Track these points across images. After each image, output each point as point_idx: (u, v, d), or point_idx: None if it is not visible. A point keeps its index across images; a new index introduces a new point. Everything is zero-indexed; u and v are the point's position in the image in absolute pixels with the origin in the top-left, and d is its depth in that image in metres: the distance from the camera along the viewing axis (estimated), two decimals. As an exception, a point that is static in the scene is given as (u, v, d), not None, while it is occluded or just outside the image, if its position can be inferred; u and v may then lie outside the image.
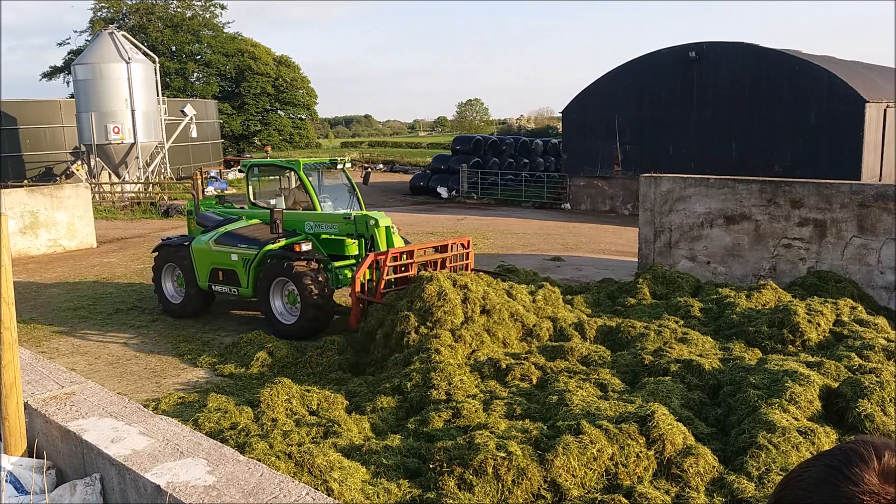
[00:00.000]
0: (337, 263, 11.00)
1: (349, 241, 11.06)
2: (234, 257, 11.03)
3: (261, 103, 61.15)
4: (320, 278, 10.21)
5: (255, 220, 11.59)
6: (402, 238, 11.33)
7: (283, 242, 10.79)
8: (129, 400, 3.61)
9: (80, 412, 3.39)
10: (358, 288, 9.69)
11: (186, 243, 11.71)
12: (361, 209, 11.82)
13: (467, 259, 10.90)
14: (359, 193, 12.24)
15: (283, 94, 62.69)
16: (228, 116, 57.08)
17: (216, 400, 7.06)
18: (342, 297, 11.65)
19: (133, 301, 12.80)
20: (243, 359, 9.27)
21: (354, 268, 10.41)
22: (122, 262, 16.76)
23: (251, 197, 12.27)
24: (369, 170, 15.75)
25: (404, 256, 10.20)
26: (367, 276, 10.02)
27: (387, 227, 10.49)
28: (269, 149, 54.27)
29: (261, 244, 10.85)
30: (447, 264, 10.56)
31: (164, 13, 56.35)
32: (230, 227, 11.46)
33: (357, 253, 11.07)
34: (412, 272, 10.01)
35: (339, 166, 11.99)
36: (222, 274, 11.22)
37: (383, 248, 10.19)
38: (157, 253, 12.07)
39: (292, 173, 11.98)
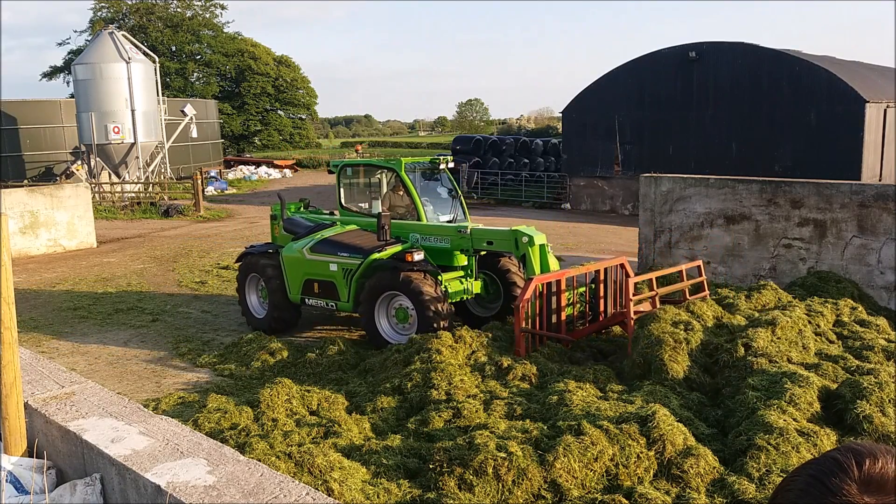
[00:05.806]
0: (445, 276, 9.70)
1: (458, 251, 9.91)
2: (334, 267, 9.80)
3: (261, 103, 61.19)
4: (439, 292, 8.99)
5: (352, 227, 10.47)
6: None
7: (392, 250, 9.51)
8: (129, 400, 3.60)
9: (80, 412, 3.39)
10: (523, 320, 8.15)
11: (272, 251, 10.68)
12: (465, 215, 10.84)
13: (704, 290, 9.59)
14: (462, 198, 10.98)
15: (283, 94, 62.74)
16: (228, 116, 57.10)
17: (216, 400, 7.06)
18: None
19: (133, 301, 12.79)
20: (243, 359, 9.28)
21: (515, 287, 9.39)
22: (122, 262, 16.76)
23: (342, 200, 11.11)
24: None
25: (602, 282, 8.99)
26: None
27: (541, 246, 9.12)
28: (359, 148, 49.44)
29: (365, 252, 9.59)
30: (686, 296, 9.23)
31: (164, 13, 56.35)
32: (326, 233, 10.22)
33: (466, 264, 10.01)
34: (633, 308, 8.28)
35: (441, 166, 10.79)
36: (318, 286, 10.04)
37: (538, 270, 8.91)
38: (240, 262, 11.07)
39: (390, 174, 10.83)
